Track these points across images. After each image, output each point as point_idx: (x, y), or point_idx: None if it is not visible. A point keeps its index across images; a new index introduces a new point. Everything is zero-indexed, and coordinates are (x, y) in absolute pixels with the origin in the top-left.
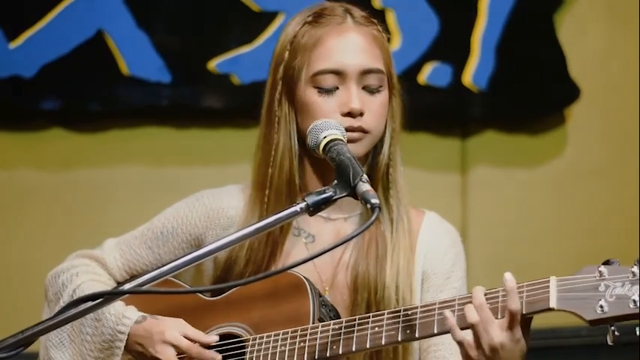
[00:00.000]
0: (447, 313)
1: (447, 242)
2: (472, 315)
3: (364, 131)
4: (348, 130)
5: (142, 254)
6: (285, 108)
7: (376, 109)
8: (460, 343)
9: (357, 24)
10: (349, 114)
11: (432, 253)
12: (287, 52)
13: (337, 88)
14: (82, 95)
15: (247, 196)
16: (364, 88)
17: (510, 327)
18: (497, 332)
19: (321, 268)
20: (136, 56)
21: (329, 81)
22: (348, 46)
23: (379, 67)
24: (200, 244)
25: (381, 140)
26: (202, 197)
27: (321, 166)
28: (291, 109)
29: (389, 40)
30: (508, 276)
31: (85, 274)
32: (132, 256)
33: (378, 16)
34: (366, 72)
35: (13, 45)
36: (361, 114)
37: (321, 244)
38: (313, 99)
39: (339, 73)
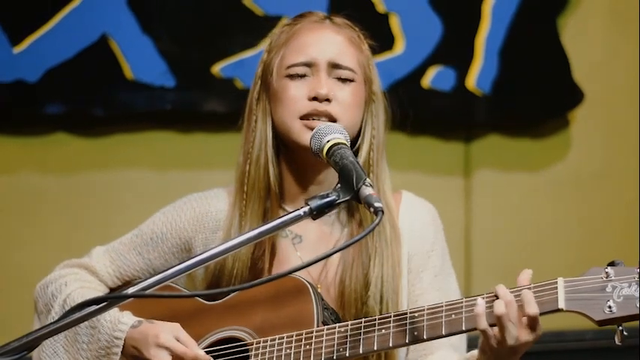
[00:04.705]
0: (479, 300)
1: (427, 220)
2: (501, 308)
3: (331, 118)
4: (313, 114)
5: (132, 260)
6: (262, 104)
7: (344, 98)
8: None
9: (336, 25)
10: (315, 98)
11: (413, 233)
12: (266, 53)
13: (309, 76)
14: (86, 100)
15: (232, 198)
16: (335, 78)
17: (533, 328)
18: (523, 330)
19: (311, 267)
20: (140, 61)
21: (300, 70)
22: (321, 40)
23: (351, 65)
24: (190, 248)
25: (359, 143)
26: (190, 201)
27: (298, 161)
28: (268, 104)
29: (373, 49)
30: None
31: (74, 283)
32: (122, 263)
33: (381, 21)
34: (335, 65)
35: (18, 49)
36: (328, 100)
37: (309, 244)
38: (285, 86)
39: (310, 65)
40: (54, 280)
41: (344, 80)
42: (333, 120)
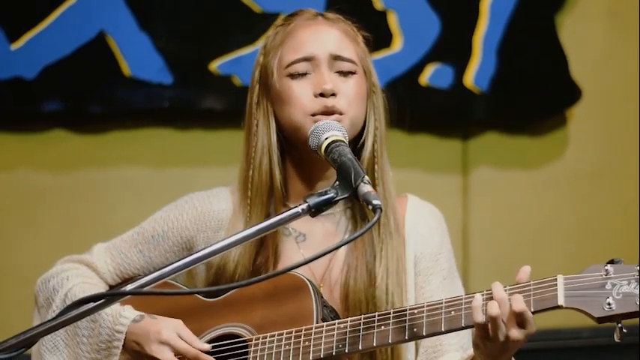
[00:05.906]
0: (477, 295)
1: (433, 224)
2: (494, 308)
3: (340, 113)
4: (323, 113)
5: (132, 258)
6: (263, 107)
7: (349, 92)
8: (478, 326)
9: (329, 19)
10: (322, 95)
11: (419, 237)
12: (262, 56)
13: (310, 73)
14: (83, 97)
15: (236, 198)
16: (337, 72)
17: (523, 327)
18: (514, 328)
19: (315, 265)
20: (138, 58)
21: (301, 67)
22: (318, 35)
23: (350, 57)
24: (191, 247)
25: (364, 136)
26: (192, 200)
27: (305, 159)
28: (270, 107)
29: (367, 41)
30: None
31: (75, 277)
32: (123, 260)
33: (379, 18)
34: (336, 57)
35: (15, 46)
36: (334, 94)
37: (313, 242)
38: (288, 85)
39: (310, 59)
40: (55, 275)
41: (346, 74)
42: (341, 115)
